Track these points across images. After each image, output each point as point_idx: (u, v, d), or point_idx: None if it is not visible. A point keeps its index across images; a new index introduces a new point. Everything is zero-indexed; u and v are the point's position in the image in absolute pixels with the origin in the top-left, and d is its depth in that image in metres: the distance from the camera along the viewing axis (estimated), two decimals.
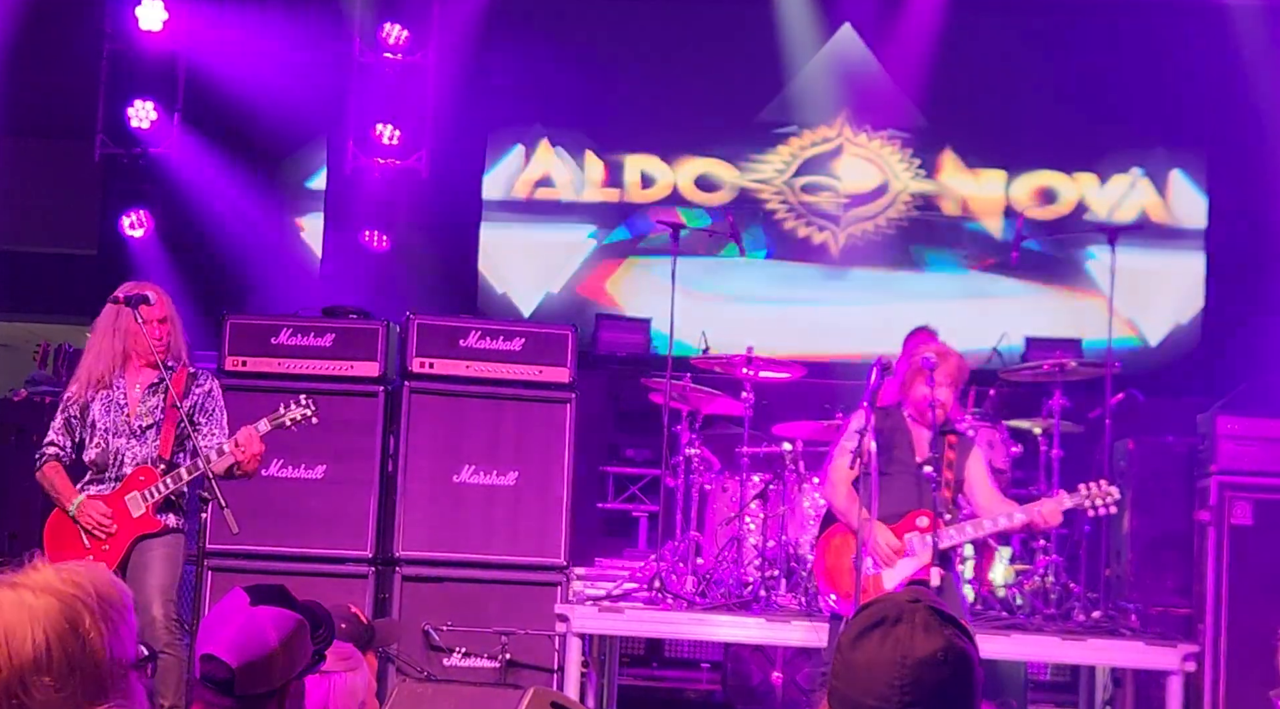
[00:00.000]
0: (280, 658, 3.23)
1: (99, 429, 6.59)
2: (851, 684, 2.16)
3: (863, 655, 2.16)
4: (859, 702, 2.14)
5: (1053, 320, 12.41)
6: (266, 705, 3.26)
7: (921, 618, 2.17)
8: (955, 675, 2.14)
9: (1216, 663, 8.03)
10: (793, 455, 8.51)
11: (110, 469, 6.57)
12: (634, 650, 9.97)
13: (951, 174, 12.61)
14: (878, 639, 2.16)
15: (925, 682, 2.12)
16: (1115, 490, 6.66)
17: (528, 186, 12.78)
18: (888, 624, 2.17)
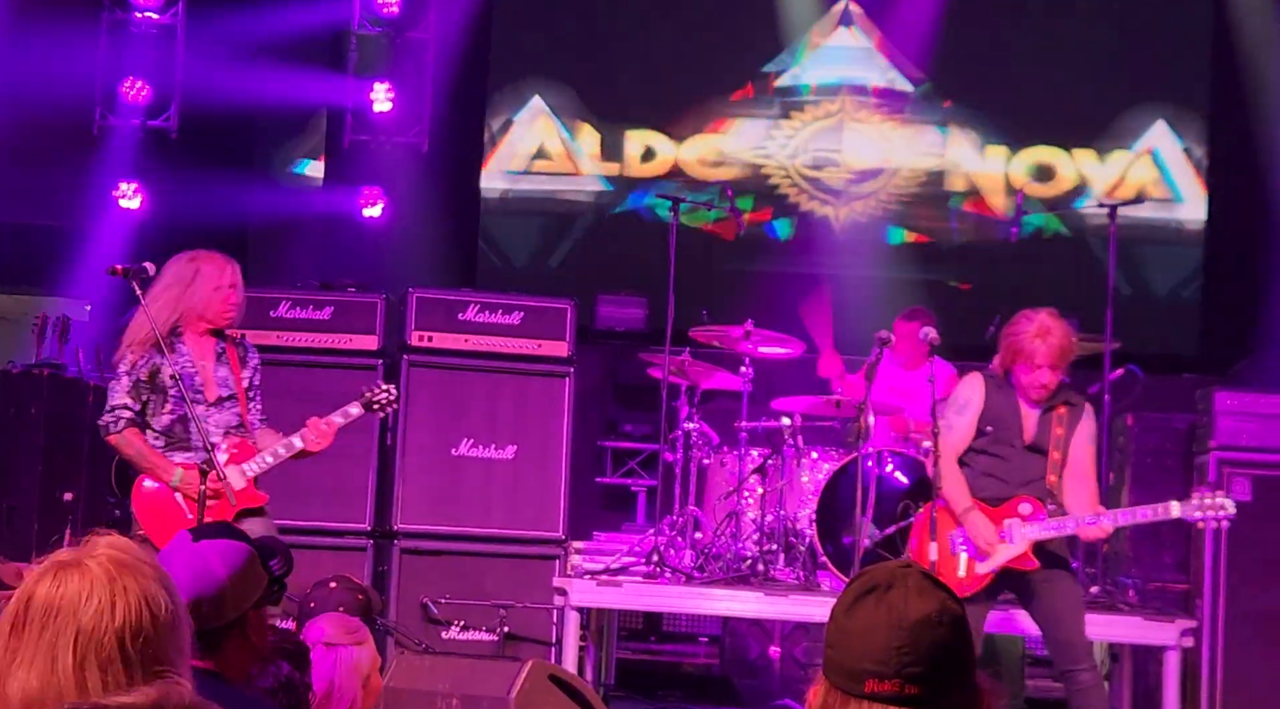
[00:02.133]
0: (231, 589, 3.23)
1: (172, 396, 6.30)
2: (848, 651, 2.15)
3: (858, 622, 2.15)
4: (856, 667, 2.13)
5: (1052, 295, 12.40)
6: (229, 638, 3.25)
7: (914, 581, 2.17)
8: (952, 636, 2.14)
9: (1214, 639, 8.03)
10: (791, 430, 8.49)
11: (192, 439, 6.30)
12: (632, 624, 9.97)
13: (953, 149, 12.59)
14: (872, 604, 2.16)
15: (923, 643, 2.12)
16: (1229, 503, 6.34)
17: (527, 159, 12.75)
18: (880, 590, 2.17)
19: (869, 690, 2.12)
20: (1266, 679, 7.56)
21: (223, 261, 6.50)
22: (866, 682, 2.12)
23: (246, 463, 6.39)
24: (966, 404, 6.55)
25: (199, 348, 6.43)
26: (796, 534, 8.33)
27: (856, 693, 2.13)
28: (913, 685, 2.11)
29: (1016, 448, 6.47)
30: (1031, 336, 6.37)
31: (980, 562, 6.42)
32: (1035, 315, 6.47)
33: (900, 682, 2.11)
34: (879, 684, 2.11)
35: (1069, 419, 6.48)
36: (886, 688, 2.11)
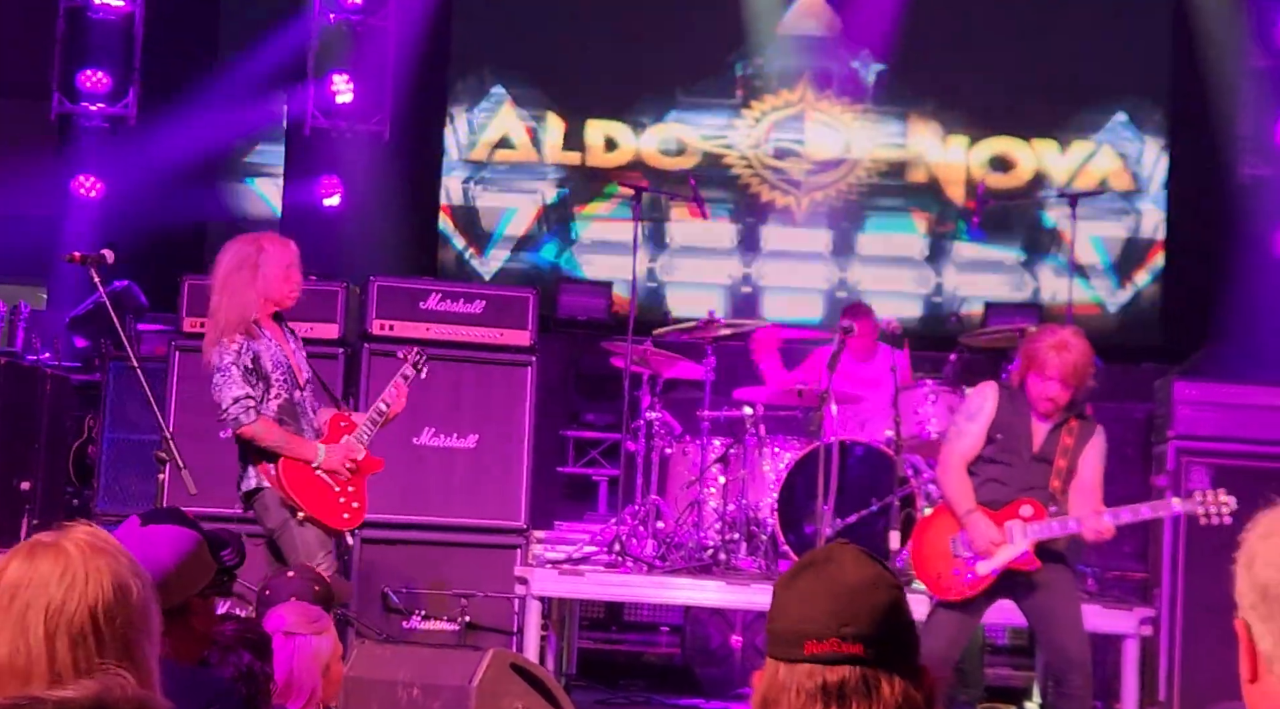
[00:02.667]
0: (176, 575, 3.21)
1: (275, 381, 6.31)
2: (788, 618, 2.16)
3: (797, 592, 2.18)
4: (795, 630, 2.15)
5: (1012, 286, 12.48)
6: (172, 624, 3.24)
7: (851, 553, 2.20)
8: (889, 600, 2.16)
9: (1172, 627, 8.08)
10: (753, 419, 8.50)
11: (304, 420, 6.39)
12: (593, 614, 9.97)
13: (913, 140, 12.63)
14: (811, 576, 2.18)
15: (860, 604, 2.13)
16: (1233, 500, 6.24)
17: (488, 148, 12.73)
18: (819, 563, 2.19)
19: (808, 652, 2.13)
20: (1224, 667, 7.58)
21: (284, 241, 6.49)
22: (805, 644, 2.13)
23: (356, 432, 6.45)
24: (978, 412, 6.54)
25: (273, 331, 6.42)
26: (758, 523, 8.34)
27: (797, 657, 2.14)
28: (850, 644, 2.12)
29: (1024, 457, 6.45)
30: (1048, 348, 6.34)
31: (982, 562, 6.41)
32: (1058, 330, 6.47)
33: (838, 640, 2.12)
34: (818, 645, 2.13)
35: (1079, 432, 6.45)
36: (825, 647, 2.12)
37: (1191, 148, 12.13)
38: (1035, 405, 6.41)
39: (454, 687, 5.80)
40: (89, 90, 11.25)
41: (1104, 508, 6.37)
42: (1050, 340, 6.36)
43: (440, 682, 5.85)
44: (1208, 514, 6.33)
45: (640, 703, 8.60)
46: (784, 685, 2.15)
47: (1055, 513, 6.36)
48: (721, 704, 8.55)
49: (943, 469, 6.61)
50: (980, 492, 6.48)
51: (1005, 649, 9.58)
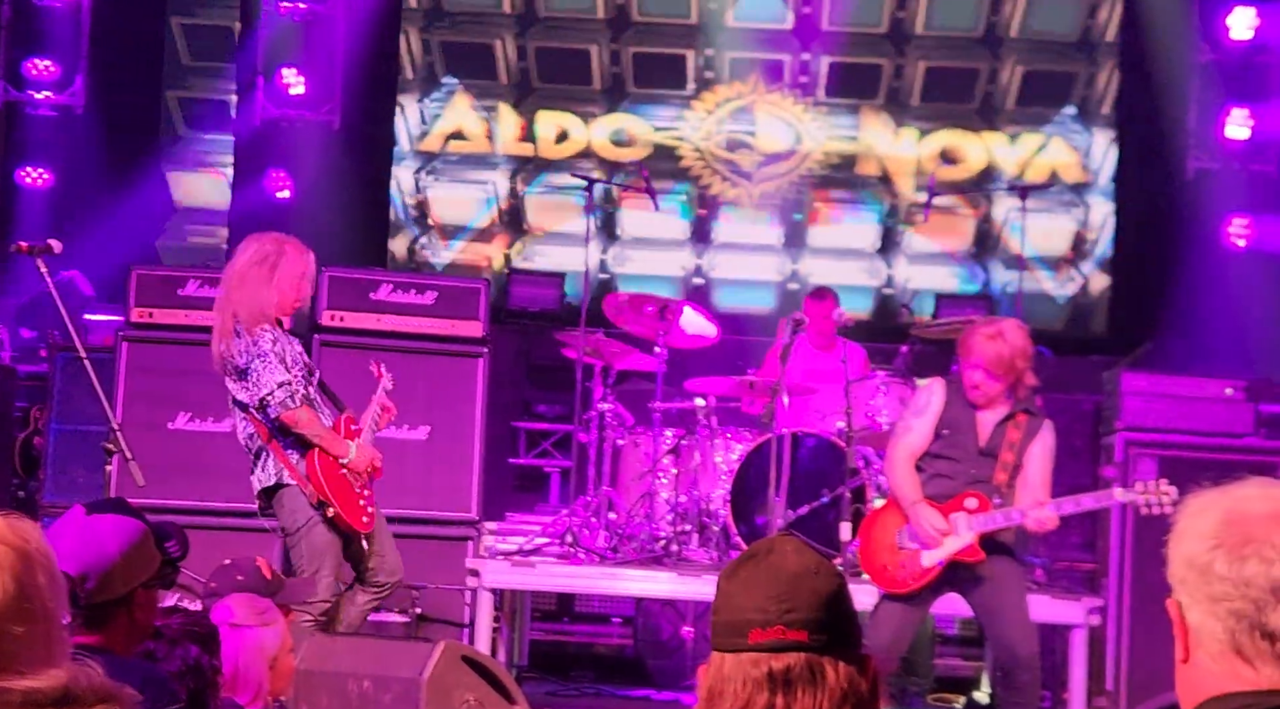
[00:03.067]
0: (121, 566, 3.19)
1: (296, 375, 6.30)
2: (731, 607, 2.18)
3: (739, 582, 2.19)
4: (739, 619, 2.15)
5: (963, 278, 12.54)
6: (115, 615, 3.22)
7: (792, 545, 2.21)
8: (830, 587, 2.17)
9: (1120, 616, 8.14)
10: (705, 411, 8.51)
11: (322, 417, 6.37)
12: (545, 605, 9.96)
13: (863, 132, 12.66)
14: (753, 566, 2.20)
15: (802, 591, 2.15)
16: (1174, 490, 6.29)
17: (440, 139, 12.69)
18: (761, 555, 2.21)
19: (753, 641, 2.14)
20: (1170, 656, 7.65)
21: (305, 250, 6.46)
22: (750, 633, 2.14)
23: (363, 436, 6.45)
24: (925, 408, 6.58)
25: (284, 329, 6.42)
26: (710, 515, 8.35)
27: (742, 646, 2.15)
28: (795, 631, 2.13)
29: (970, 451, 6.48)
30: (981, 337, 6.38)
31: (927, 554, 6.44)
32: (998, 321, 6.53)
33: (783, 627, 2.13)
34: (762, 633, 2.14)
35: (1026, 427, 6.49)
36: (770, 635, 2.13)
37: (1140, 141, 12.21)
38: (967, 394, 6.45)
39: (405, 679, 5.78)
40: (36, 79, 11.15)
41: (1048, 499, 6.42)
42: (986, 330, 6.41)
43: (391, 674, 5.82)
44: (1149, 504, 6.39)
45: (591, 694, 8.60)
46: (729, 676, 2.16)
47: (1000, 505, 6.40)
48: (673, 695, 8.55)
49: (890, 464, 6.66)
50: (927, 486, 6.52)
51: (955, 640, 9.63)
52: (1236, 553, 1.94)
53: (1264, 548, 1.94)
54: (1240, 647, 1.95)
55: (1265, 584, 1.93)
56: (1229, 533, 1.96)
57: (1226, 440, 8.29)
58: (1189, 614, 2.00)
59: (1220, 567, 1.95)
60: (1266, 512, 1.97)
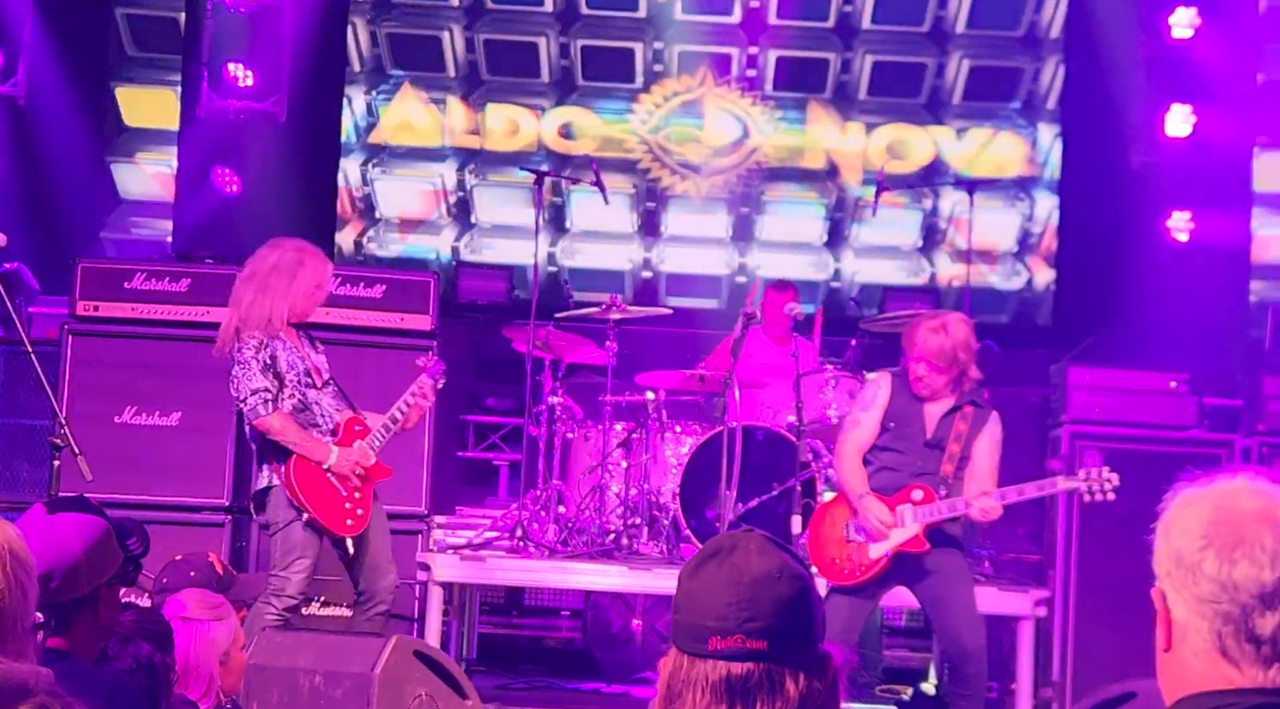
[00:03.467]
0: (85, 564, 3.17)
1: (289, 380, 6.49)
2: (692, 611, 2.16)
3: (701, 582, 2.17)
4: (700, 625, 2.14)
5: (910, 271, 12.60)
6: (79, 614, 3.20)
7: (756, 543, 2.19)
8: (792, 593, 2.15)
9: (1066, 608, 8.21)
10: (655, 404, 8.52)
11: (321, 421, 6.54)
12: (494, 599, 9.95)
13: (810, 126, 12.69)
14: (715, 566, 2.17)
15: (763, 598, 2.13)
16: (1115, 477, 6.42)
17: (388, 132, 12.64)
18: (724, 553, 2.19)
19: (712, 648, 2.13)
20: (1116, 647, 7.74)
21: (325, 260, 6.67)
22: (710, 640, 2.13)
23: (368, 437, 6.58)
24: (872, 401, 6.63)
25: (292, 335, 6.58)
26: (660, 508, 8.36)
27: (701, 652, 2.14)
28: (755, 640, 2.12)
29: (917, 444, 6.54)
30: (924, 330, 6.45)
31: (874, 546, 6.48)
32: (941, 314, 6.59)
33: (742, 636, 2.12)
34: (722, 641, 2.12)
35: (973, 419, 6.55)
36: (729, 644, 2.12)
37: (1084, 136, 12.29)
38: (913, 387, 6.51)
39: (356, 674, 5.76)
40: None
41: (993, 488, 6.48)
42: (929, 324, 6.47)
43: (343, 669, 5.80)
44: (1092, 491, 6.47)
45: (541, 687, 8.60)
46: (688, 680, 2.16)
47: (946, 497, 6.45)
48: (622, 688, 8.57)
49: (838, 458, 6.71)
50: (875, 479, 6.56)
51: (902, 631, 9.69)
52: (1226, 555, 1.94)
53: (1254, 551, 1.93)
54: (1226, 649, 1.95)
55: (1255, 589, 1.93)
56: (1219, 532, 1.95)
57: (1171, 433, 8.38)
58: (1174, 608, 1.99)
59: (1209, 567, 1.94)
60: (1256, 510, 1.96)
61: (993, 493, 6.42)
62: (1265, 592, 1.92)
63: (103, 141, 12.46)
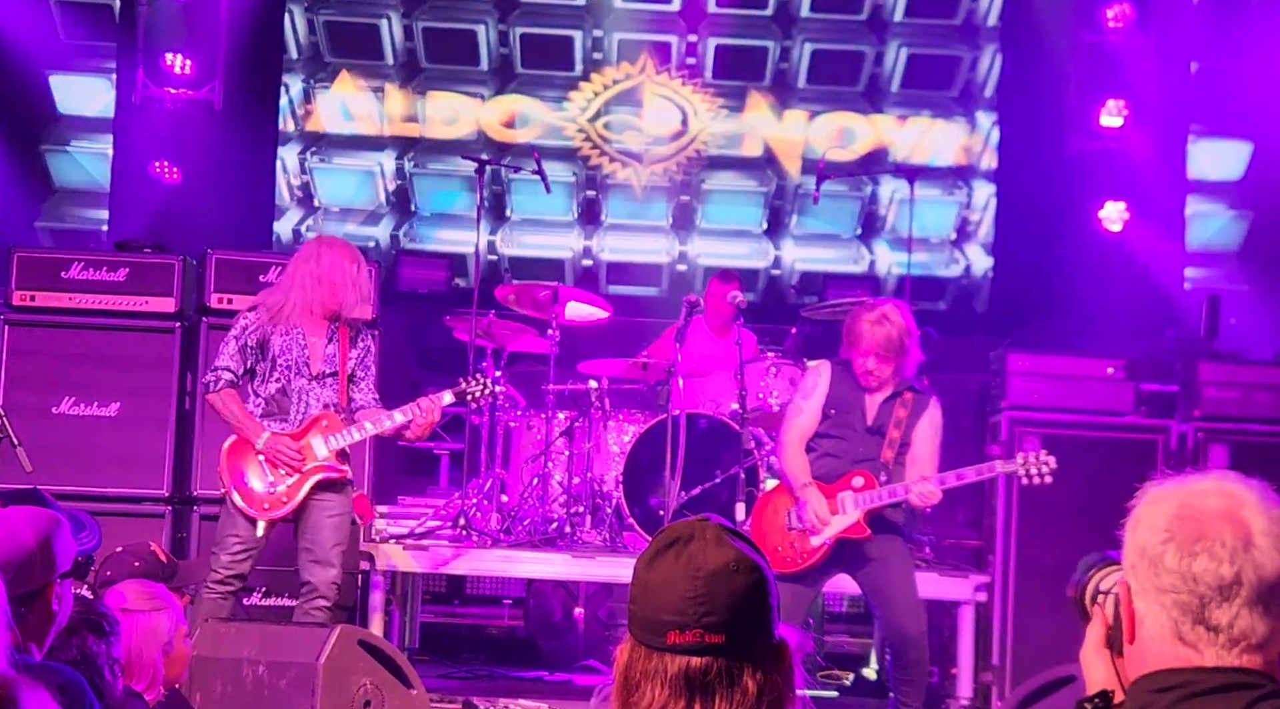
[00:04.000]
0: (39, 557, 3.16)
1: (280, 365, 6.61)
2: (648, 604, 2.17)
3: (658, 575, 2.17)
4: (657, 619, 2.15)
5: (850, 259, 12.65)
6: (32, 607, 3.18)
7: (712, 534, 2.19)
8: (749, 585, 2.16)
9: (1005, 593, 8.27)
10: (598, 393, 8.53)
11: (294, 409, 6.63)
12: (436, 588, 9.94)
13: (753, 115, 12.71)
14: (672, 557, 2.18)
15: (720, 592, 2.14)
16: (1053, 460, 6.53)
17: (326, 120, 12.57)
18: (680, 543, 2.19)
19: (670, 642, 2.14)
20: (1054, 630, 7.81)
21: (345, 255, 6.72)
22: (668, 634, 2.14)
23: (333, 435, 6.60)
24: (813, 389, 6.67)
25: (311, 325, 6.66)
26: (603, 496, 8.37)
27: (659, 646, 2.15)
28: (713, 634, 2.13)
29: (857, 430, 6.60)
30: (866, 323, 6.49)
31: (815, 535, 6.52)
32: (878, 304, 6.61)
33: (700, 631, 2.13)
34: (680, 635, 2.13)
35: (913, 405, 6.61)
36: (688, 638, 2.13)
37: (1021, 124, 12.37)
38: (859, 379, 6.56)
39: (301, 664, 5.75)
40: None
41: (932, 474, 6.54)
42: (869, 316, 6.51)
43: (287, 659, 5.79)
44: (1029, 475, 6.56)
45: (483, 676, 8.59)
46: (647, 673, 2.16)
47: (886, 482, 6.51)
48: (565, 676, 8.58)
49: (781, 446, 6.75)
50: (817, 466, 6.61)
51: (843, 617, 9.75)
52: (1187, 549, 2.01)
53: (1214, 546, 2.00)
54: (1183, 635, 2.02)
55: (1213, 581, 2.00)
56: (1182, 527, 2.02)
57: (1108, 418, 8.46)
58: (1137, 600, 2.06)
59: (1170, 560, 2.01)
60: (1219, 509, 2.02)
61: (932, 478, 6.48)
62: (1223, 584, 1.99)
63: (36, 130, 12.32)
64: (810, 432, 6.67)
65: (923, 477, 6.49)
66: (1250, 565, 1.99)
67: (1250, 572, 1.99)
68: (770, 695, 2.16)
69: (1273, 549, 2.00)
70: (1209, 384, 8.58)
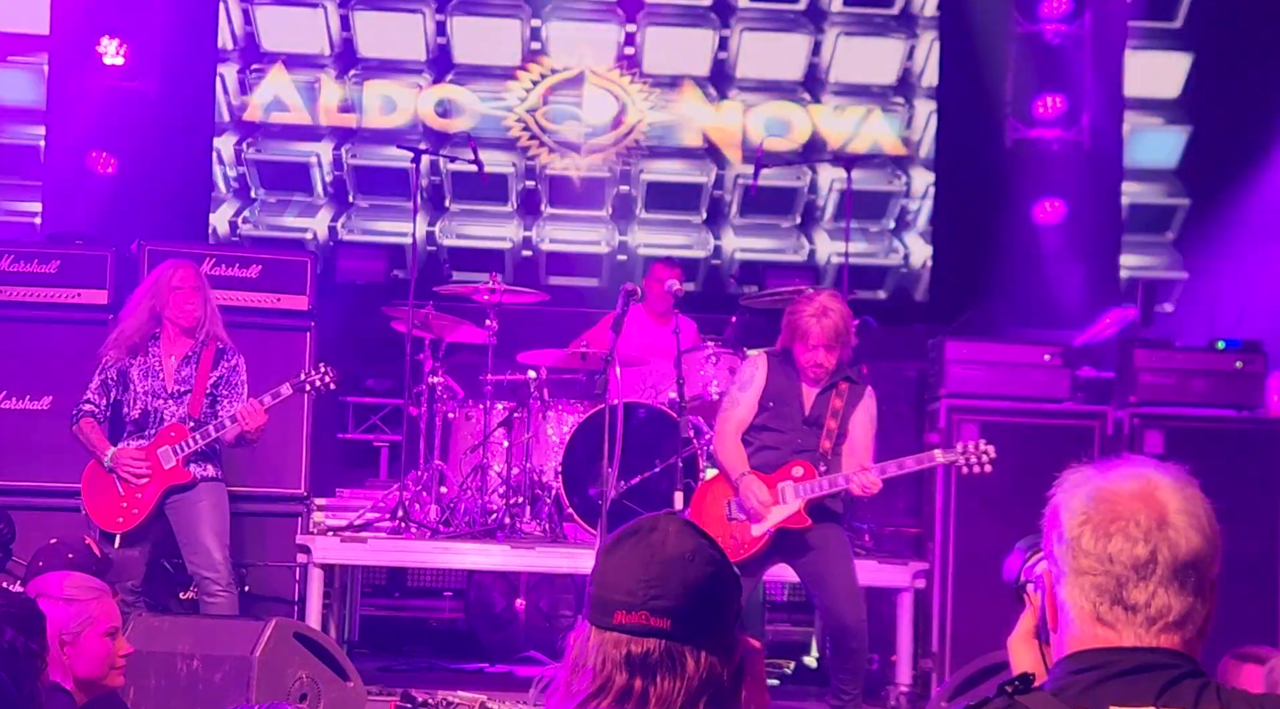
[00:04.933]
0: None
1: (139, 392, 6.97)
2: (604, 585, 2.18)
3: (616, 559, 2.19)
4: (609, 599, 2.17)
5: (789, 248, 12.68)
6: None
7: (675, 526, 2.21)
8: (703, 576, 2.17)
9: (944, 580, 8.31)
10: (537, 383, 8.51)
11: (150, 427, 6.96)
12: (376, 580, 9.89)
13: (690, 105, 12.71)
14: (632, 545, 2.20)
15: (672, 578, 2.15)
16: (992, 449, 6.57)
17: (262, 111, 12.47)
18: (643, 532, 2.21)
19: (617, 622, 2.15)
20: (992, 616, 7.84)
21: (176, 265, 7.10)
22: (615, 613, 2.15)
23: (178, 443, 6.88)
24: (750, 381, 6.68)
25: (170, 349, 7.03)
26: (542, 487, 8.35)
27: (607, 625, 2.16)
28: (659, 618, 2.14)
29: (795, 422, 6.60)
30: (808, 316, 6.49)
31: (755, 524, 6.52)
32: (815, 296, 6.62)
33: (647, 613, 2.14)
34: (626, 615, 2.15)
35: (849, 395, 6.62)
36: (634, 619, 2.15)
37: (959, 113, 12.43)
38: (805, 372, 6.57)
39: (236, 658, 5.71)
40: None
41: (871, 463, 6.56)
42: (809, 309, 6.51)
43: (221, 653, 5.75)
44: (969, 464, 6.59)
45: (424, 668, 8.56)
46: (593, 650, 2.18)
47: (826, 472, 6.52)
48: (505, 668, 8.56)
49: (718, 438, 6.75)
50: (755, 458, 6.61)
51: (784, 606, 9.77)
52: (1103, 530, 2.03)
53: (1129, 526, 2.02)
54: (1102, 616, 2.04)
55: (1129, 560, 2.02)
56: (1097, 510, 2.04)
57: (1045, 405, 8.52)
58: (1058, 585, 2.08)
59: (1087, 542, 2.03)
60: (1133, 490, 2.05)
61: (872, 468, 6.50)
62: (1139, 563, 2.01)
63: None
64: (746, 423, 6.67)
65: (863, 467, 6.50)
66: (1165, 544, 2.01)
67: (1165, 550, 2.01)
68: (713, 686, 2.16)
69: (1188, 527, 2.02)
70: (1144, 370, 8.65)
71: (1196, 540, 2.02)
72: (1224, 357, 8.75)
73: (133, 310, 7.05)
